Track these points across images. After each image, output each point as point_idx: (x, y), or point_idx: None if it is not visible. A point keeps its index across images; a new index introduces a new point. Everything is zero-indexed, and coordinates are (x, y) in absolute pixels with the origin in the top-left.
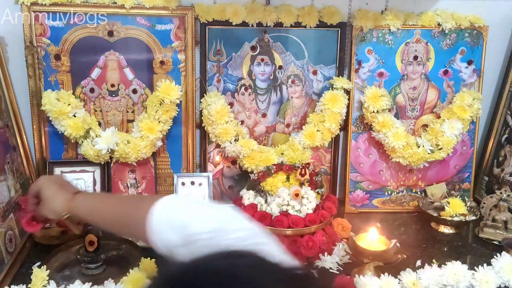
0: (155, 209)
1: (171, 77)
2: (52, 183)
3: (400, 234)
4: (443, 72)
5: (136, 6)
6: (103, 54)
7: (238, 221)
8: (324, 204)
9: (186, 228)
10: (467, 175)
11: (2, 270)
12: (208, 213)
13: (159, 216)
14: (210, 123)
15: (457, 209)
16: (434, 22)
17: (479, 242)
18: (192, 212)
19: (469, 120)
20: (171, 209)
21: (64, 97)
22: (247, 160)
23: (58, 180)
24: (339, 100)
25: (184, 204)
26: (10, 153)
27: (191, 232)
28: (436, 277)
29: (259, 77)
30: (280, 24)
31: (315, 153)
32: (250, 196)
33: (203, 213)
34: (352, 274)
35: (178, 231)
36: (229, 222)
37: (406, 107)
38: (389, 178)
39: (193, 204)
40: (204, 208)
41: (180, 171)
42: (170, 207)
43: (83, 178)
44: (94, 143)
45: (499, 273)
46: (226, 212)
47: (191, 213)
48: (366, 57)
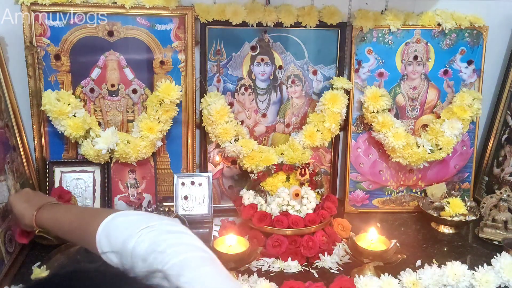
0: (99, 227)
1: (171, 77)
2: (18, 200)
3: (400, 234)
4: (443, 72)
5: (136, 6)
6: (103, 54)
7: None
8: (324, 204)
9: (124, 248)
10: (467, 175)
11: (2, 270)
12: (148, 237)
13: (100, 235)
14: (210, 123)
15: (457, 209)
16: (434, 22)
17: (479, 242)
18: (130, 232)
19: (469, 120)
20: (111, 229)
21: (64, 97)
22: (247, 160)
23: (24, 196)
24: (339, 100)
25: (124, 223)
26: (10, 153)
27: (128, 251)
28: (436, 277)
29: (259, 77)
30: (280, 24)
31: (315, 153)
32: (250, 196)
33: (142, 234)
34: (352, 274)
35: (116, 251)
36: (163, 244)
37: (406, 107)
38: (389, 178)
39: (135, 223)
40: (145, 228)
41: (180, 171)
42: (110, 226)
43: (83, 178)
44: (94, 143)
45: (499, 273)
46: (163, 231)
47: (129, 233)
48: (366, 57)
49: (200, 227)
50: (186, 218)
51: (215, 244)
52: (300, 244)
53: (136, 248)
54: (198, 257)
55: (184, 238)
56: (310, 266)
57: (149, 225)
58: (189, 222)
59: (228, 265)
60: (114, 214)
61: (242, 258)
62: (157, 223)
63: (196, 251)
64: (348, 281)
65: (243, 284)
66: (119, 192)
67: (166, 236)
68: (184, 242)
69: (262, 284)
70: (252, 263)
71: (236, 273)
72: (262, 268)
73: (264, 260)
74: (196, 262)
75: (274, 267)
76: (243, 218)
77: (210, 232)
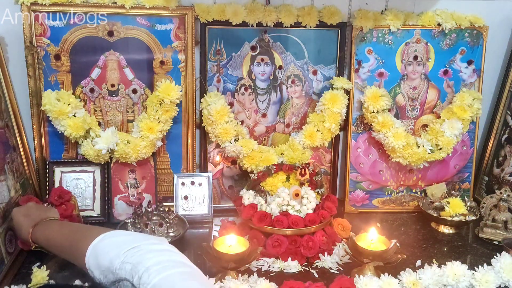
0: (88, 249)
1: (171, 77)
2: (18, 213)
3: (400, 234)
4: (443, 72)
5: (136, 6)
6: (103, 54)
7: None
8: (324, 204)
9: (110, 268)
10: (467, 175)
11: (2, 270)
12: (133, 258)
13: (89, 256)
14: (210, 123)
15: (457, 209)
16: (434, 22)
17: (479, 242)
18: (116, 253)
19: (469, 120)
20: (99, 251)
21: (64, 97)
22: (247, 160)
23: (24, 210)
24: (339, 100)
25: (111, 244)
26: (10, 153)
27: (113, 271)
28: (436, 277)
29: (259, 77)
30: (280, 24)
31: (315, 153)
32: (250, 196)
33: (127, 256)
34: (352, 274)
35: (103, 273)
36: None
37: (406, 107)
38: (389, 178)
39: (122, 244)
40: (130, 250)
41: (180, 171)
42: (98, 247)
43: (83, 178)
44: (94, 143)
45: (499, 273)
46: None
47: (115, 254)
48: (366, 57)
49: (200, 227)
50: (186, 218)
51: (215, 244)
52: (300, 244)
53: (121, 269)
54: (181, 272)
55: (168, 255)
56: (310, 266)
57: (134, 246)
58: (189, 222)
59: (228, 265)
60: (103, 235)
61: (242, 258)
62: (143, 243)
63: (180, 267)
64: (348, 281)
65: (243, 284)
66: (119, 192)
67: (151, 254)
68: (168, 259)
69: (262, 284)
70: (252, 263)
71: (236, 273)
72: (262, 268)
73: (264, 260)
74: (179, 277)
75: (274, 267)
76: (243, 218)
77: (210, 232)
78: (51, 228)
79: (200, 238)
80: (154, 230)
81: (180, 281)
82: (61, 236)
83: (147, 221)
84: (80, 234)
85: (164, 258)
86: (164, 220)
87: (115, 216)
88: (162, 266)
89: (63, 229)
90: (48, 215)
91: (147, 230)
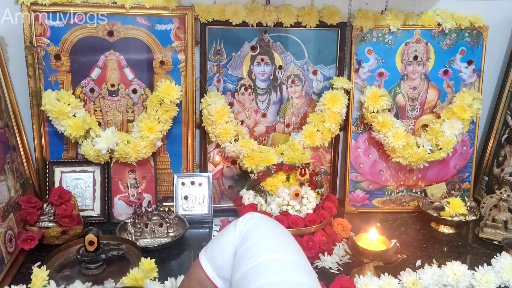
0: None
1: (171, 77)
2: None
3: (400, 234)
4: (443, 72)
5: (136, 6)
6: (103, 54)
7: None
8: (324, 204)
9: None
10: (467, 175)
11: (2, 270)
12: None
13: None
14: (210, 123)
15: (457, 209)
16: (434, 22)
17: (479, 242)
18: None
19: (469, 120)
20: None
21: (64, 97)
22: (247, 160)
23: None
24: (339, 100)
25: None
26: (10, 153)
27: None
28: (436, 277)
29: (259, 77)
30: (280, 24)
31: (315, 153)
32: (250, 196)
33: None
34: (352, 274)
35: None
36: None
37: (406, 107)
38: (389, 178)
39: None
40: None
41: (180, 171)
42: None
43: (83, 178)
44: (94, 143)
45: (499, 273)
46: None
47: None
48: (366, 57)
49: (200, 227)
50: (186, 218)
51: None
52: (300, 244)
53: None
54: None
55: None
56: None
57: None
58: (189, 222)
59: None
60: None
61: None
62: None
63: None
64: (348, 281)
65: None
66: (119, 192)
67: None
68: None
69: None
70: None
71: None
72: None
73: None
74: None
75: None
76: None
77: (210, 232)
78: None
79: (200, 238)
80: (154, 230)
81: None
82: None
83: (147, 221)
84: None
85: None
86: (164, 220)
87: (115, 216)
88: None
89: None
90: None
91: (147, 230)
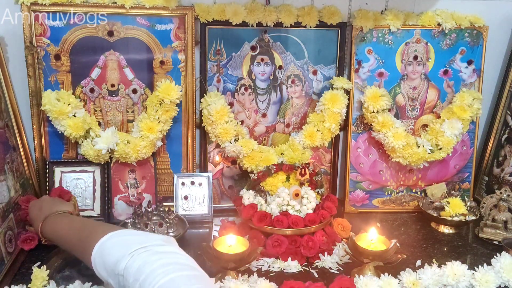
0: (95, 247)
1: (171, 77)
2: (32, 208)
3: (400, 234)
4: (443, 72)
5: (136, 6)
6: (103, 54)
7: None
8: (324, 204)
9: (115, 268)
10: (467, 175)
11: (2, 270)
12: (140, 257)
13: (95, 254)
14: (210, 123)
15: (457, 209)
16: (434, 22)
17: (479, 242)
18: (123, 253)
19: (469, 120)
20: (105, 249)
21: (64, 97)
22: (247, 160)
23: (38, 204)
24: (339, 100)
25: (118, 243)
26: (10, 153)
27: (119, 271)
28: (436, 277)
29: (259, 77)
30: (280, 24)
31: (315, 153)
32: (250, 196)
33: (134, 255)
34: (352, 274)
35: (109, 270)
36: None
37: (406, 107)
38: (389, 178)
39: (129, 244)
40: (137, 249)
41: (180, 171)
42: (105, 246)
43: (83, 178)
44: (94, 143)
45: (499, 273)
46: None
47: (122, 253)
48: (366, 57)
49: (200, 227)
50: (186, 218)
51: (215, 244)
52: (300, 244)
53: (128, 268)
54: (187, 275)
55: (175, 258)
56: (310, 266)
57: (142, 246)
58: (189, 222)
59: (228, 265)
60: (110, 233)
61: (242, 258)
62: (150, 244)
63: (186, 270)
64: (348, 281)
65: (243, 284)
66: (119, 192)
67: (158, 256)
68: (175, 262)
69: (262, 284)
70: (252, 263)
71: (236, 273)
72: (262, 268)
73: (264, 260)
74: (184, 280)
75: (274, 267)
76: (243, 218)
77: (210, 232)
78: (61, 222)
79: (200, 238)
80: (154, 230)
81: (185, 284)
82: (70, 231)
83: (147, 221)
84: (88, 230)
85: (171, 261)
86: (164, 220)
87: (115, 216)
88: (168, 269)
89: (72, 224)
90: (60, 208)
91: (147, 230)
